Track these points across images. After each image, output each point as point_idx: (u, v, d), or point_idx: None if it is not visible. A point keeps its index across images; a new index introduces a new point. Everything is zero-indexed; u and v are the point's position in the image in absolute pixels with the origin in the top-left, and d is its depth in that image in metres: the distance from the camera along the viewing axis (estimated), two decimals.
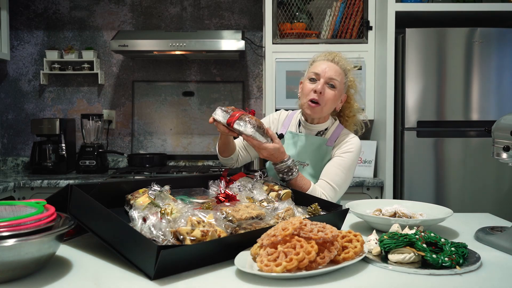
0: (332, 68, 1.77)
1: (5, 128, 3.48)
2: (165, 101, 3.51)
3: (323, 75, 1.76)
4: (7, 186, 2.69)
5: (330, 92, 1.76)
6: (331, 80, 1.76)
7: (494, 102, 2.77)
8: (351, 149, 1.80)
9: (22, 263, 0.98)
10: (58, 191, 1.28)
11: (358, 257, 1.10)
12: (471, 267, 1.09)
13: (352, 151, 1.79)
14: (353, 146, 1.80)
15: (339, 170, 1.76)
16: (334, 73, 1.77)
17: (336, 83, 1.76)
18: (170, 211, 1.16)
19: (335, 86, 1.76)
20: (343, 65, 1.81)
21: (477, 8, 2.82)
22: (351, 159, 1.79)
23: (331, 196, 1.73)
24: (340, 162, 1.77)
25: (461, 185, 2.76)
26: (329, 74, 1.76)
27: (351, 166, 1.79)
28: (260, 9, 3.44)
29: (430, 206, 1.61)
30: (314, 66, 1.82)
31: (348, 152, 1.79)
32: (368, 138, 3.18)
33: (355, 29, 3.02)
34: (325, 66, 1.77)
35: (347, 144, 1.81)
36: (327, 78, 1.76)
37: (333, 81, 1.76)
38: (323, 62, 1.80)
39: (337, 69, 1.78)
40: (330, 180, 1.74)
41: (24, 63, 3.47)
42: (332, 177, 1.75)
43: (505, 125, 1.34)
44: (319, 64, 1.80)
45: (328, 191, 1.73)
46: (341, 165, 1.77)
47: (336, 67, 1.78)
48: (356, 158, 1.81)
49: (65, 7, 3.46)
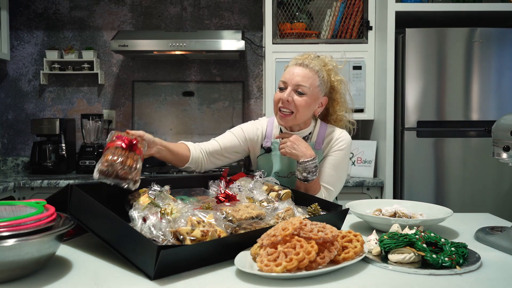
0: (300, 73, 1.69)
1: (5, 128, 3.48)
2: (165, 101, 3.51)
3: (289, 82, 1.69)
4: (7, 186, 2.69)
5: (299, 99, 1.67)
6: (298, 87, 1.67)
7: (494, 102, 2.77)
8: (341, 146, 1.76)
9: (22, 263, 0.98)
10: (58, 191, 1.28)
11: (358, 257, 1.10)
12: (471, 267, 1.09)
13: (342, 148, 1.76)
14: (343, 142, 1.76)
15: (331, 170, 1.75)
16: (301, 79, 1.68)
17: (305, 89, 1.67)
18: (170, 211, 1.16)
19: (304, 92, 1.67)
20: (315, 67, 1.71)
21: (477, 8, 2.82)
22: (341, 157, 1.76)
23: (326, 197, 1.72)
24: (331, 161, 1.75)
25: (461, 185, 2.76)
26: (295, 80, 1.68)
27: (343, 163, 1.77)
28: (260, 9, 3.44)
29: (430, 206, 1.61)
30: (284, 73, 1.74)
31: (338, 150, 1.76)
32: (368, 138, 3.18)
33: (355, 29, 3.02)
34: (292, 72, 1.70)
35: (336, 142, 1.77)
36: (293, 85, 1.68)
37: (301, 87, 1.67)
38: (292, 67, 1.72)
39: (306, 73, 1.69)
40: (323, 182, 1.73)
41: (24, 63, 3.47)
42: (325, 179, 1.74)
43: (505, 125, 1.34)
44: (288, 70, 1.73)
45: (325, 192, 1.73)
46: (333, 164, 1.75)
47: (305, 71, 1.69)
48: (347, 154, 1.78)
49: (65, 7, 3.46)
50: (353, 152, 3.02)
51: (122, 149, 1.36)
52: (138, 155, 1.38)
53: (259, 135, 1.83)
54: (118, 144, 1.36)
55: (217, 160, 1.81)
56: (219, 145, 1.80)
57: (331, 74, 1.77)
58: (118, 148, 1.35)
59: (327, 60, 1.79)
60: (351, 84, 2.98)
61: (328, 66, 1.77)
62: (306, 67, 1.70)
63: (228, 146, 1.81)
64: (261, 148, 1.82)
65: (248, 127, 1.86)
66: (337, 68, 1.81)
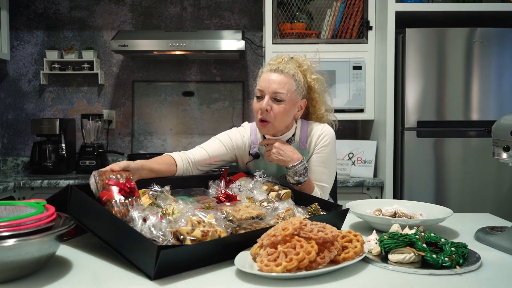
0: (276, 80, 1.66)
1: (5, 128, 3.48)
2: (165, 101, 3.51)
3: (267, 91, 1.66)
4: (7, 186, 2.69)
5: (277, 107, 1.65)
6: (275, 95, 1.65)
7: (494, 102, 2.77)
8: (326, 142, 1.75)
9: (22, 263, 0.98)
10: (59, 191, 1.28)
11: (358, 257, 1.10)
12: (471, 267, 1.09)
13: (327, 144, 1.75)
14: (326, 137, 1.75)
15: (322, 167, 1.75)
16: (278, 86, 1.65)
17: (282, 96, 1.64)
18: (171, 211, 1.16)
19: (282, 99, 1.65)
20: (290, 71, 1.68)
21: (477, 8, 2.81)
22: (328, 152, 1.75)
23: (322, 195, 1.73)
24: (320, 159, 1.75)
25: (461, 185, 2.76)
26: (272, 88, 1.65)
27: (331, 158, 1.77)
28: (260, 9, 3.44)
29: (430, 206, 1.61)
30: (260, 80, 1.71)
31: (323, 146, 1.75)
32: (368, 138, 3.18)
33: (355, 29, 3.02)
34: (268, 79, 1.67)
35: (320, 138, 1.75)
36: (271, 93, 1.65)
37: (278, 94, 1.64)
38: (267, 74, 1.69)
39: (282, 79, 1.66)
40: (316, 181, 1.74)
41: (24, 63, 3.47)
42: (317, 177, 1.74)
43: (505, 125, 1.34)
44: (263, 78, 1.70)
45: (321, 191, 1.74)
46: (322, 161, 1.75)
47: (280, 76, 1.66)
48: (333, 147, 1.77)
49: (65, 7, 3.46)
50: (353, 152, 3.02)
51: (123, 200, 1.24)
52: (138, 197, 1.27)
53: (245, 142, 1.81)
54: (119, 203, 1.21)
55: (204, 167, 1.76)
56: (207, 154, 1.74)
57: (306, 75, 1.75)
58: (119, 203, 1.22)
59: (301, 60, 1.78)
60: (351, 84, 2.98)
61: (303, 67, 1.76)
62: (281, 72, 1.67)
63: (216, 154, 1.76)
64: (249, 155, 1.80)
65: (234, 134, 1.82)
66: (312, 67, 1.79)
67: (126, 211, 1.19)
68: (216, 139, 1.80)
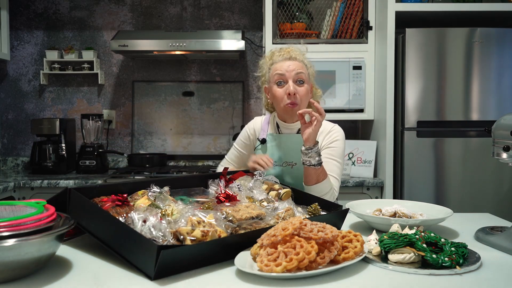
0: (294, 64, 1.77)
1: (5, 128, 3.48)
2: (165, 101, 3.51)
3: (289, 75, 1.76)
4: (7, 186, 2.69)
5: (301, 89, 1.76)
6: (298, 76, 1.76)
7: (494, 102, 2.77)
8: (337, 137, 1.83)
9: (22, 263, 0.98)
10: (57, 194, 1.28)
11: (358, 257, 1.10)
12: (471, 267, 1.09)
13: (339, 139, 1.83)
14: (337, 134, 1.84)
15: (335, 161, 1.81)
16: (299, 68, 1.76)
17: (303, 76, 1.76)
18: (171, 212, 1.16)
19: (304, 81, 1.77)
20: (300, 58, 1.81)
21: (477, 8, 2.81)
22: (340, 147, 1.83)
23: (337, 187, 1.78)
24: (333, 152, 1.81)
25: (461, 185, 2.76)
26: (294, 71, 1.75)
27: (343, 153, 1.85)
28: (260, 9, 3.44)
29: (430, 206, 1.61)
30: (275, 68, 1.80)
31: (335, 141, 1.83)
32: (368, 138, 3.18)
33: (355, 29, 3.02)
34: (286, 65, 1.77)
35: (330, 134, 1.84)
36: (293, 76, 1.75)
37: (300, 75, 1.76)
38: (283, 62, 1.79)
39: (297, 63, 1.78)
40: (332, 173, 1.78)
41: (24, 63, 3.47)
42: (332, 169, 1.78)
43: (505, 125, 1.34)
44: (280, 65, 1.79)
45: (334, 183, 1.78)
46: (335, 155, 1.81)
47: (295, 62, 1.78)
48: (344, 143, 1.86)
49: (65, 7, 3.46)
50: (353, 152, 3.02)
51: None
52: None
53: (252, 133, 1.94)
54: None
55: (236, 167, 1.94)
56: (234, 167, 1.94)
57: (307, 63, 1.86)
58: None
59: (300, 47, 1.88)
60: (351, 84, 2.98)
61: (304, 53, 1.87)
62: (295, 59, 1.79)
63: (240, 161, 1.97)
64: (258, 141, 1.91)
65: (244, 134, 1.97)
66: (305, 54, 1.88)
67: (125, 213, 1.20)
68: (234, 149, 1.99)
